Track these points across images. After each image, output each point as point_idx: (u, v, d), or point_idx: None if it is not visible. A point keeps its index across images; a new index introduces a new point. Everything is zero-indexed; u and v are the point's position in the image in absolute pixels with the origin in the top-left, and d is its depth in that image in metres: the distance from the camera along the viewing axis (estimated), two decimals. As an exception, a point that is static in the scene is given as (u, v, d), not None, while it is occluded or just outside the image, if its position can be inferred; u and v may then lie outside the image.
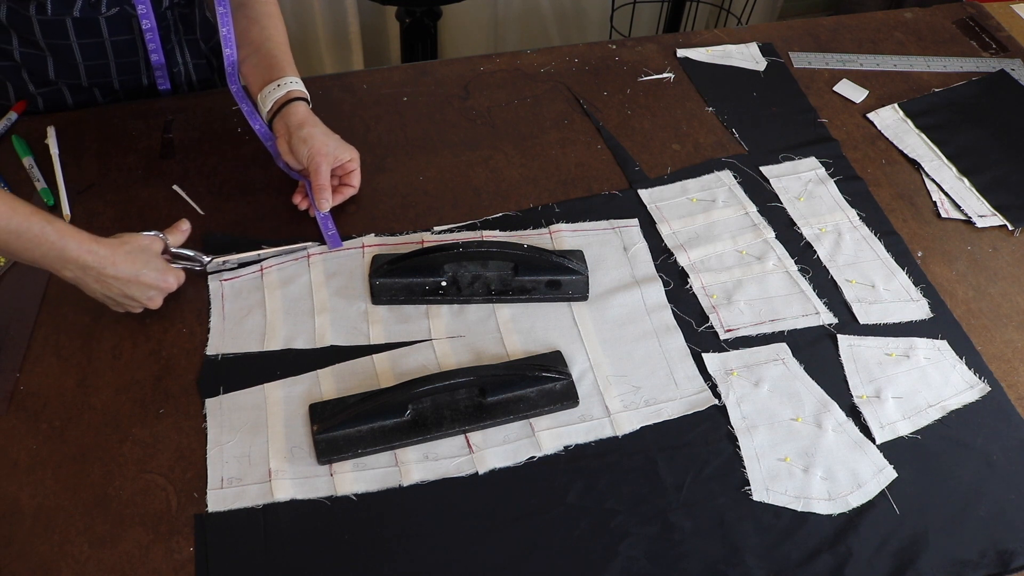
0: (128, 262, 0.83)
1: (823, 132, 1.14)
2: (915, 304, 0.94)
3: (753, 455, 0.80)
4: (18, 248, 0.79)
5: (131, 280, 0.83)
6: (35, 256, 0.80)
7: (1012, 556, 0.75)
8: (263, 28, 1.04)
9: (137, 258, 0.83)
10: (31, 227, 0.78)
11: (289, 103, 0.98)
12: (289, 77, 1.00)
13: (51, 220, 0.79)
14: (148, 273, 0.84)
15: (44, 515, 0.74)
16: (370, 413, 0.79)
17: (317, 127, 0.97)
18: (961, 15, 1.36)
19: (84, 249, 0.80)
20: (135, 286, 0.84)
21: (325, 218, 0.97)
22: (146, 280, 0.84)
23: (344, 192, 0.99)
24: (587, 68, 1.20)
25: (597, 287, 0.93)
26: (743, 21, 2.34)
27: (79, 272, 0.82)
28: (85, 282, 0.83)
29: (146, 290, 0.85)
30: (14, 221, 0.77)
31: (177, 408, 0.81)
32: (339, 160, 0.97)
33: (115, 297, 0.85)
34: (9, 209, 0.77)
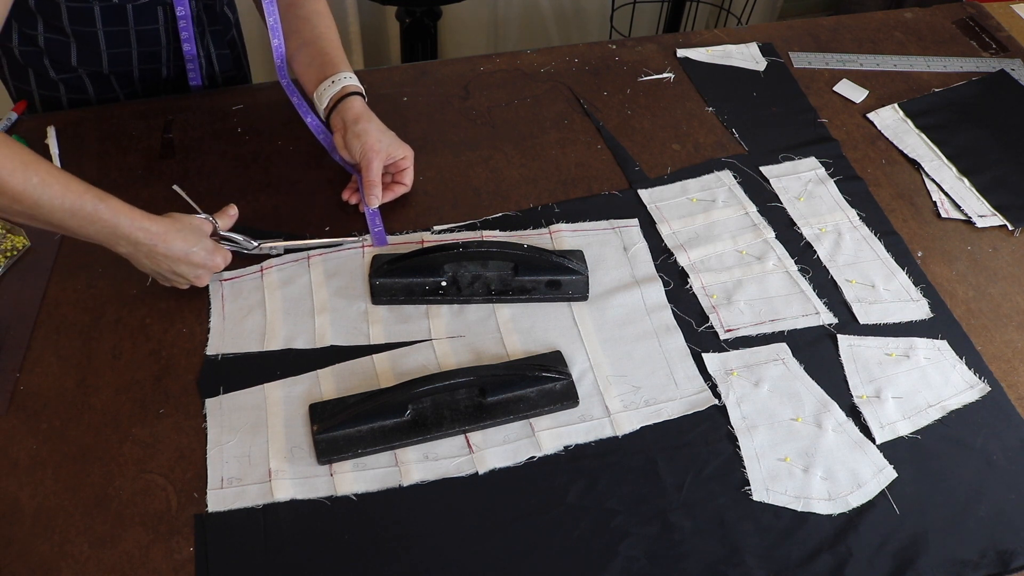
0: (179, 241, 0.84)
1: (823, 132, 1.14)
2: (915, 304, 0.94)
3: (753, 455, 0.80)
4: (73, 225, 0.80)
5: (180, 259, 0.85)
6: (89, 233, 0.82)
7: (1012, 556, 0.75)
8: (314, 26, 1.05)
9: (188, 237, 0.85)
10: (84, 205, 0.79)
11: (345, 98, 0.99)
12: (343, 73, 1.01)
13: (104, 198, 0.80)
14: (198, 252, 0.86)
15: (44, 515, 0.74)
16: (370, 413, 0.79)
17: (372, 123, 0.98)
18: (961, 15, 1.36)
19: (136, 226, 0.82)
20: (184, 264, 0.85)
21: (373, 214, 0.98)
22: (195, 259, 0.86)
23: (396, 190, 1.00)
24: (587, 68, 1.20)
25: (597, 287, 0.93)
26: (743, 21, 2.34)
27: (131, 248, 0.83)
28: (137, 257, 0.85)
29: (194, 269, 0.86)
30: (68, 199, 0.78)
31: (177, 408, 0.81)
32: (392, 157, 0.98)
33: (164, 273, 0.87)
34: (63, 187, 0.78)
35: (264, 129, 1.08)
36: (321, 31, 1.04)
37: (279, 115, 1.10)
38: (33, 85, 1.09)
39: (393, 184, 1.00)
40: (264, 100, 1.12)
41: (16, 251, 0.93)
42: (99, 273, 0.92)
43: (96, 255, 0.93)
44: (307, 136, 1.08)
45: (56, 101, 1.11)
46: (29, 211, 0.78)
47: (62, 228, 0.81)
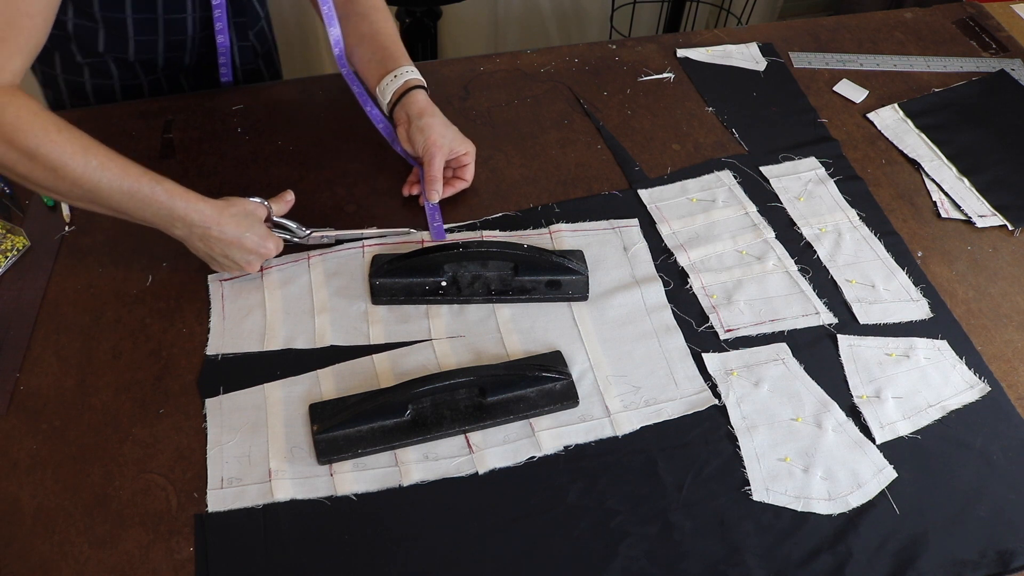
0: (232, 224, 0.85)
1: (823, 132, 1.14)
2: (915, 304, 0.94)
3: (753, 455, 0.80)
4: (130, 207, 0.82)
5: (233, 242, 0.86)
6: (146, 216, 0.83)
7: (1012, 556, 0.75)
8: (372, 22, 1.06)
9: (241, 222, 0.86)
10: (142, 187, 0.80)
11: (407, 92, 1.00)
12: (405, 67, 1.01)
13: (160, 180, 0.82)
14: (250, 237, 0.86)
15: (44, 515, 0.74)
16: (370, 413, 0.79)
17: (436, 117, 0.99)
18: (961, 15, 1.36)
19: (191, 208, 0.83)
20: (236, 248, 0.86)
21: (433, 209, 0.99)
22: (247, 244, 0.87)
23: (456, 185, 1.01)
24: (587, 68, 1.20)
25: (597, 287, 0.93)
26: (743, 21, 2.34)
27: (186, 231, 0.84)
28: (191, 240, 0.86)
29: (246, 254, 0.87)
30: (126, 182, 0.80)
31: (177, 408, 0.81)
32: (454, 152, 0.99)
33: (216, 257, 0.87)
34: (121, 170, 0.80)
35: (264, 129, 1.08)
36: (380, 26, 1.05)
37: (279, 115, 1.10)
38: (58, 69, 1.09)
39: (453, 180, 1.01)
40: (264, 100, 1.12)
41: (16, 251, 0.93)
42: (99, 273, 0.92)
43: (96, 255, 0.94)
44: (307, 136, 1.08)
45: (80, 85, 1.12)
46: (89, 195, 0.80)
47: (120, 211, 0.82)
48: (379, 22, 1.05)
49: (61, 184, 0.78)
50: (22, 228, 0.95)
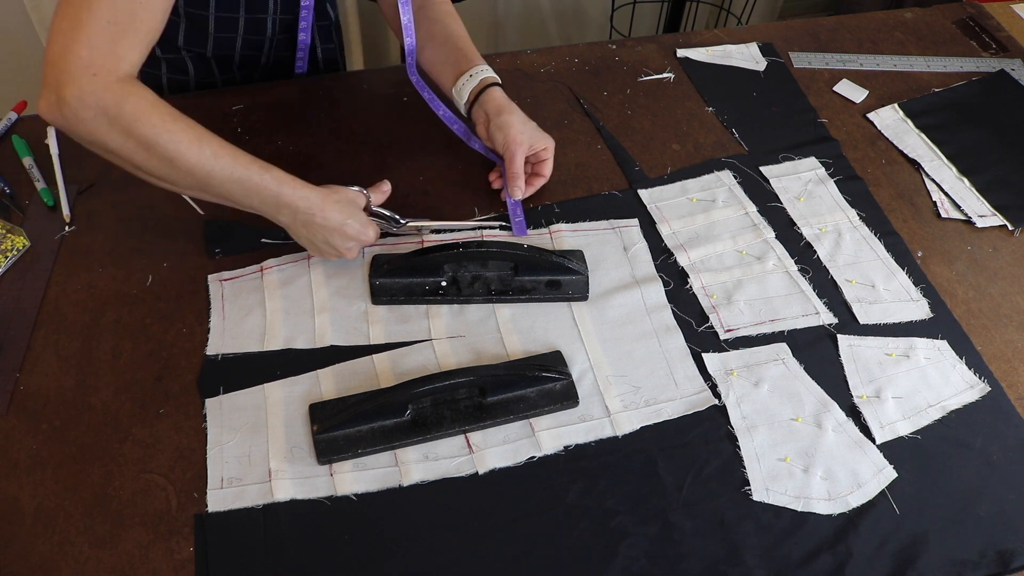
0: (335, 211, 0.87)
1: (823, 132, 1.14)
2: (915, 304, 0.94)
3: (753, 455, 0.80)
4: (239, 195, 0.84)
5: (335, 229, 0.87)
6: (254, 203, 0.85)
7: (1012, 556, 0.75)
8: (445, 25, 1.08)
9: (344, 209, 0.88)
10: (252, 175, 0.83)
11: (484, 90, 1.02)
12: (479, 66, 1.03)
13: (268, 168, 0.84)
14: (352, 224, 0.88)
15: (44, 515, 0.74)
16: (370, 413, 0.79)
17: (515, 114, 1.00)
18: (961, 15, 1.36)
19: (298, 195, 0.85)
20: (338, 235, 0.88)
21: (515, 205, 1.00)
22: (349, 231, 0.88)
23: (535, 183, 1.02)
24: (587, 68, 1.20)
25: (597, 287, 0.93)
26: (743, 21, 2.34)
27: (291, 217, 0.86)
28: (294, 227, 0.87)
29: (347, 240, 0.89)
30: (237, 170, 0.82)
31: (177, 408, 0.81)
32: (534, 148, 1.00)
33: (317, 243, 0.89)
34: (232, 159, 0.82)
35: (264, 129, 1.08)
36: (453, 29, 1.07)
37: (279, 115, 1.10)
38: None
39: (532, 177, 1.02)
40: (264, 100, 1.12)
41: (16, 251, 0.93)
42: (99, 273, 0.92)
43: (96, 255, 0.94)
44: (307, 136, 1.08)
45: (156, 79, 1.13)
46: (201, 183, 0.82)
47: (229, 199, 0.85)
48: (451, 25, 1.08)
49: (175, 173, 0.80)
50: (22, 228, 0.95)
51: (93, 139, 0.78)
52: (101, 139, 0.77)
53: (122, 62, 0.77)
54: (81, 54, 0.74)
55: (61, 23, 0.75)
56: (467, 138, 1.07)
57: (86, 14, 0.74)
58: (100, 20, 0.75)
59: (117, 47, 0.76)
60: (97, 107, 0.75)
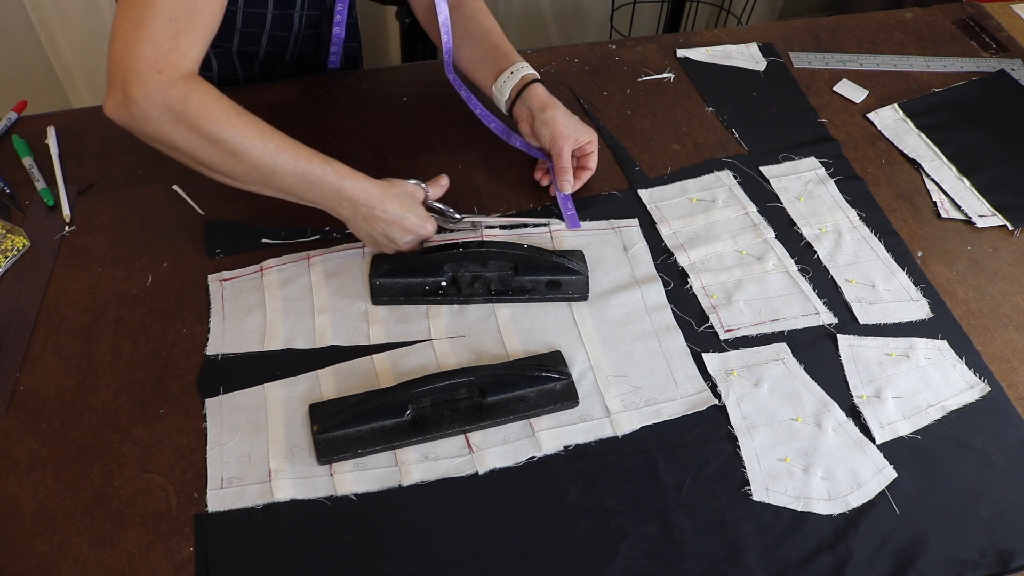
0: (395, 204, 0.87)
1: (823, 132, 1.14)
2: (915, 304, 0.94)
3: (753, 455, 0.80)
4: (301, 189, 0.85)
5: (395, 222, 0.88)
6: (315, 197, 0.86)
7: (1012, 556, 0.75)
8: (481, 23, 1.08)
9: (404, 202, 0.88)
10: (314, 169, 0.84)
11: (526, 87, 1.02)
12: (518, 63, 1.04)
13: (330, 162, 0.85)
14: (411, 218, 0.88)
15: (44, 515, 0.74)
16: (370, 413, 0.79)
17: (558, 110, 1.01)
18: (961, 15, 1.36)
19: (359, 189, 0.86)
20: (397, 228, 0.88)
21: (565, 199, 1.01)
22: (408, 224, 0.88)
23: (582, 176, 1.03)
24: (587, 68, 1.20)
25: (597, 287, 0.93)
26: (743, 21, 2.34)
27: (351, 211, 0.87)
28: (355, 220, 0.88)
29: (406, 234, 0.89)
30: (300, 165, 0.83)
31: (177, 408, 0.81)
32: (579, 142, 1.01)
33: (376, 236, 0.89)
34: (295, 153, 0.83)
35: (264, 129, 1.08)
36: (488, 27, 1.08)
37: (279, 115, 1.10)
38: None
39: (579, 170, 1.03)
40: (264, 100, 1.12)
41: (16, 251, 0.93)
42: (99, 273, 0.92)
43: (96, 255, 0.94)
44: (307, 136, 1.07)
45: None
46: (264, 178, 0.83)
47: (291, 193, 0.86)
48: (487, 23, 1.08)
49: (239, 168, 0.81)
50: (22, 228, 0.95)
51: (159, 136, 0.79)
52: (167, 136, 0.78)
53: (184, 58, 0.78)
54: (145, 52, 0.75)
55: (123, 23, 0.76)
56: (506, 135, 1.08)
57: (148, 12, 0.75)
58: (161, 17, 0.76)
59: (179, 43, 0.77)
60: (163, 104, 0.76)
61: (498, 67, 1.04)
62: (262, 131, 0.81)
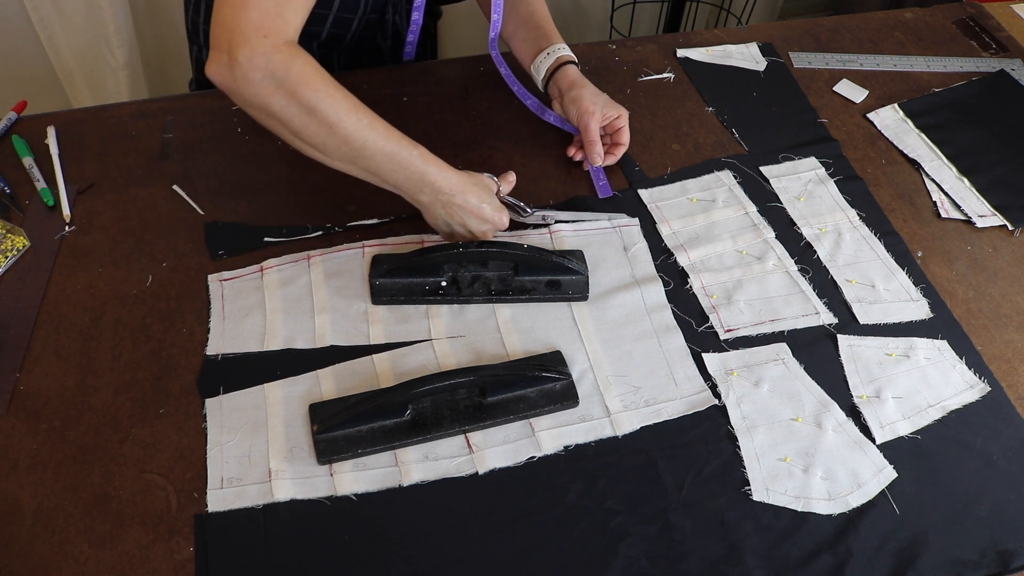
0: (474, 194, 0.89)
1: (823, 132, 1.14)
2: (915, 304, 0.94)
3: (753, 455, 0.80)
4: (387, 170, 0.86)
5: (472, 211, 0.89)
6: (399, 179, 0.87)
7: (1012, 556, 0.75)
8: (528, 3, 1.12)
9: (480, 193, 0.90)
10: (401, 150, 0.85)
11: (559, 68, 1.07)
12: (556, 44, 1.09)
13: (416, 145, 0.86)
14: (487, 208, 0.90)
15: (44, 515, 0.74)
16: (370, 413, 0.79)
17: (586, 88, 1.06)
18: (961, 15, 1.36)
19: (442, 175, 0.87)
20: (474, 218, 0.90)
21: (597, 171, 1.05)
22: (484, 214, 0.90)
23: (616, 152, 1.06)
24: (587, 68, 1.20)
25: (597, 287, 0.93)
26: (743, 21, 2.34)
27: (432, 197, 0.88)
28: (433, 207, 0.89)
29: (482, 223, 0.91)
30: (389, 144, 0.84)
31: (177, 408, 0.81)
32: (607, 117, 1.05)
33: (453, 225, 0.91)
34: (385, 131, 0.84)
35: (264, 129, 1.08)
36: (535, 8, 1.12)
37: (279, 115, 1.10)
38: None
39: (613, 146, 1.06)
40: (264, 100, 1.12)
41: (16, 251, 0.93)
42: (99, 273, 0.92)
43: (96, 255, 0.94)
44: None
45: None
46: (354, 153, 0.84)
47: (375, 173, 0.86)
48: (534, 4, 1.12)
49: (332, 140, 0.82)
50: (22, 228, 0.95)
51: (258, 101, 0.79)
52: (265, 101, 0.79)
53: (288, 26, 0.79)
54: (252, 16, 0.76)
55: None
56: (540, 112, 1.12)
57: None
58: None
59: (284, 10, 0.78)
60: (266, 68, 0.77)
61: (538, 47, 1.09)
62: (357, 106, 0.82)
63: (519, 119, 1.12)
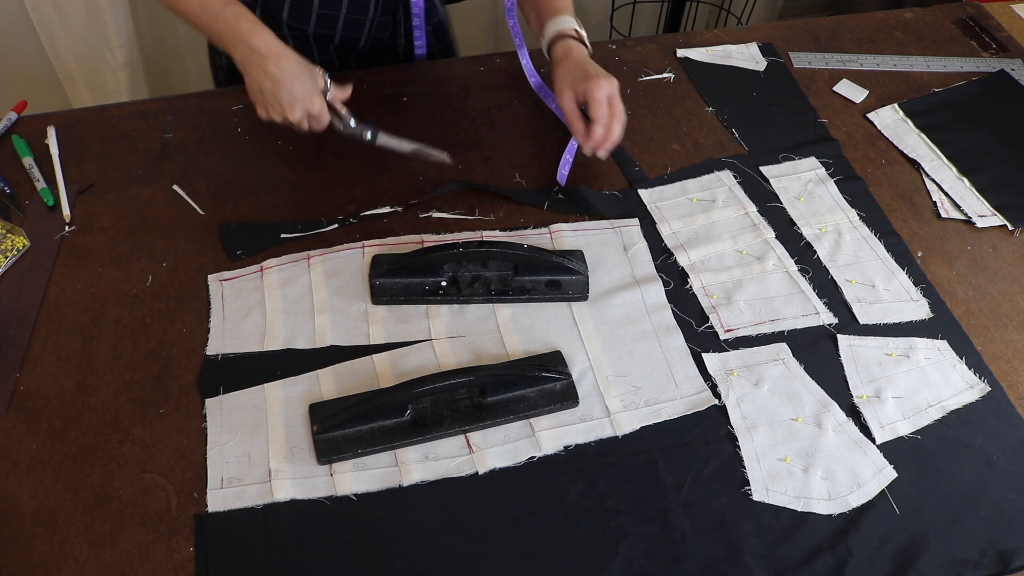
0: (289, 65, 0.90)
1: (823, 132, 1.14)
2: (915, 304, 0.94)
3: (753, 455, 0.80)
4: (205, 20, 0.91)
5: (284, 82, 0.90)
6: (218, 30, 0.91)
7: (1012, 556, 0.75)
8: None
9: (298, 69, 0.91)
10: (224, 11, 0.90)
11: (554, 43, 1.04)
12: (560, 17, 1.05)
13: (234, 3, 0.91)
14: (302, 84, 0.90)
15: (44, 515, 0.74)
16: (370, 413, 0.79)
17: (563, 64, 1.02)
18: (961, 15, 1.36)
19: (257, 35, 0.89)
20: (285, 91, 0.90)
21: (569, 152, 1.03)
22: (296, 90, 0.90)
23: (612, 129, 0.98)
24: (587, 68, 1.20)
25: (597, 287, 0.93)
26: (743, 21, 2.34)
27: (245, 56, 0.90)
28: (247, 68, 0.91)
29: (293, 100, 0.91)
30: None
31: (177, 408, 0.81)
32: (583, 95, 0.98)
33: (265, 93, 0.91)
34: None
35: (264, 129, 1.08)
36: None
37: (279, 115, 1.10)
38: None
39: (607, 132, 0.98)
40: (264, 100, 1.12)
41: (16, 251, 0.93)
42: (99, 273, 0.92)
43: (96, 255, 0.94)
44: (307, 136, 1.08)
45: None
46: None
47: (195, 20, 0.91)
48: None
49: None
50: (22, 228, 0.95)
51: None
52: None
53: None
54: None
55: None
56: (543, 94, 1.09)
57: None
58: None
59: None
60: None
61: (543, 21, 1.06)
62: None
63: (519, 119, 1.12)
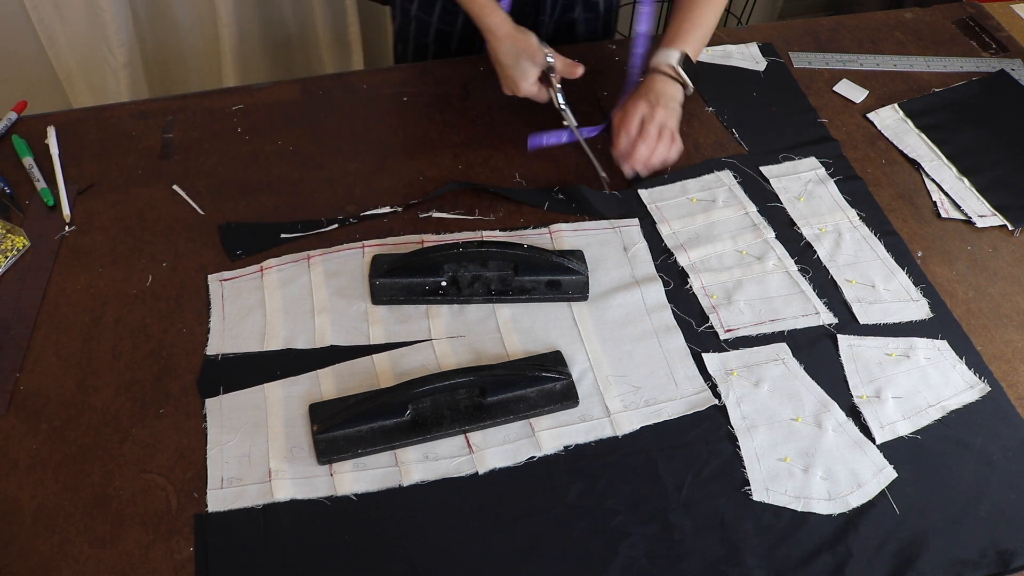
0: (505, 51, 1.03)
1: (823, 132, 1.14)
2: (915, 304, 0.94)
3: (753, 455, 0.80)
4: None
5: (504, 64, 1.04)
6: (466, 5, 1.04)
7: (1012, 556, 0.75)
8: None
9: (510, 56, 1.03)
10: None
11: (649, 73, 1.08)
12: (666, 50, 1.07)
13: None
14: (510, 70, 1.03)
15: (44, 515, 0.74)
16: (370, 413, 0.79)
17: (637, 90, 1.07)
18: (961, 15, 1.36)
19: (487, 16, 1.03)
20: (505, 72, 1.05)
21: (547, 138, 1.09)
22: (507, 72, 1.04)
23: (573, 68, 1.06)
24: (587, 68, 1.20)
25: (597, 287, 0.93)
26: (743, 21, 2.34)
27: (484, 33, 1.05)
28: (488, 45, 1.06)
29: (504, 79, 1.06)
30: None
31: (177, 408, 0.81)
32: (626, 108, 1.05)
33: (498, 70, 1.06)
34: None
35: (264, 129, 1.08)
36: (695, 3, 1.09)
37: (279, 115, 1.10)
38: (415, 5, 1.24)
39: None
40: (264, 100, 1.12)
41: (16, 251, 0.93)
42: (99, 273, 0.92)
43: (96, 255, 0.94)
44: (307, 136, 1.08)
45: (427, 25, 1.26)
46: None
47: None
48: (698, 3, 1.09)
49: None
50: (22, 228, 0.95)
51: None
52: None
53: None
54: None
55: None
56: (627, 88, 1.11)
57: None
58: None
59: None
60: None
61: (665, 39, 1.09)
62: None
63: (519, 119, 1.12)
